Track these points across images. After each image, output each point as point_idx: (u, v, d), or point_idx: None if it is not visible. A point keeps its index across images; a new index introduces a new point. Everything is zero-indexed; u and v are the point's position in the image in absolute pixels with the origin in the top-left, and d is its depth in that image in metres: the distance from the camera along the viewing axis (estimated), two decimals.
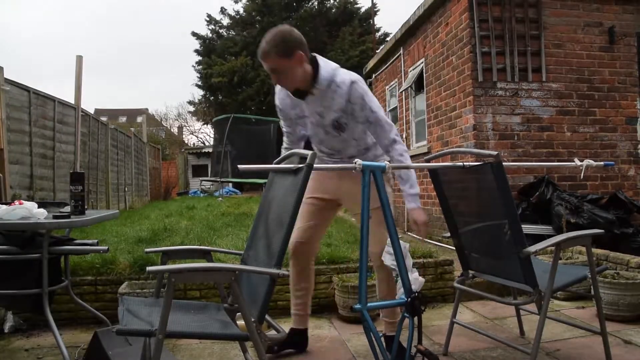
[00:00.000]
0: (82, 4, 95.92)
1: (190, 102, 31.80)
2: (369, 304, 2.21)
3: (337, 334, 3.27)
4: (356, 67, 22.81)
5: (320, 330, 3.35)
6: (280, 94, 2.64)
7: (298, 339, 2.94)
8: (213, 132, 25.59)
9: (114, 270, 3.70)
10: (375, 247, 2.69)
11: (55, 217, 2.57)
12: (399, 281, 2.28)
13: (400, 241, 2.26)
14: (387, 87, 9.29)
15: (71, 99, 8.05)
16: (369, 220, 2.20)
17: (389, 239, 2.28)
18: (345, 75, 2.47)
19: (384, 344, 2.21)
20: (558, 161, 5.57)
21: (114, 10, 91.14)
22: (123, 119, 43.47)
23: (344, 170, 2.49)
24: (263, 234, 2.18)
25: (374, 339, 2.20)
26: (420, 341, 2.23)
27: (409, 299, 2.21)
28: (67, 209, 2.86)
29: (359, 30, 24.28)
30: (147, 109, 42.22)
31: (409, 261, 2.29)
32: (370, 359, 2.75)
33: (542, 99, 5.79)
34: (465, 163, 2.48)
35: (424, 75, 7.26)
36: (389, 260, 2.35)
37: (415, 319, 2.23)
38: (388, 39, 23.72)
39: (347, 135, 2.58)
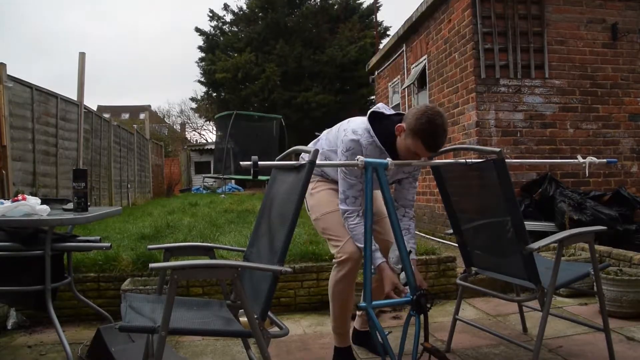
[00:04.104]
0: (83, 1, 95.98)
1: (192, 99, 31.78)
2: (373, 302, 2.21)
3: None
4: (354, 63, 22.83)
5: (324, 327, 3.35)
6: (366, 143, 2.41)
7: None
8: (215, 129, 25.57)
9: (116, 267, 3.70)
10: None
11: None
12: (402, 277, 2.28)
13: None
14: (389, 84, 9.27)
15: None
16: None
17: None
18: None
19: (389, 341, 2.21)
20: (561, 158, 5.56)
21: (113, 9, 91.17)
22: (126, 116, 43.42)
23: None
24: (266, 231, 2.18)
25: (379, 336, 2.20)
26: (426, 339, 2.23)
27: (415, 297, 2.21)
28: (70, 205, 2.87)
29: (358, 25, 24.22)
30: (149, 106, 42.26)
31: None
32: (375, 356, 2.76)
33: (544, 95, 5.77)
34: (468, 160, 2.48)
35: (427, 72, 7.25)
36: (393, 261, 2.36)
37: (422, 316, 2.23)
38: (389, 32, 23.76)
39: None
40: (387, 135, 2.39)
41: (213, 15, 25.86)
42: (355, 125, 2.44)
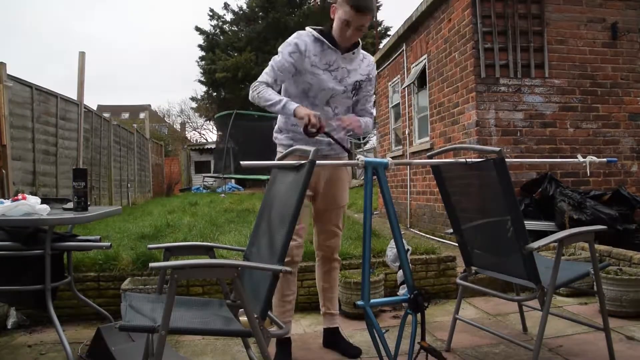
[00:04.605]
0: (84, 2, 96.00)
1: (192, 99, 31.78)
2: (371, 301, 2.21)
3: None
4: None
5: (323, 326, 3.35)
6: (307, 39, 2.62)
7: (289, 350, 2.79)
8: (215, 129, 25.59)
9: (116, 266, 3.70)
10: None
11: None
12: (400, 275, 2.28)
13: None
14: (389, 84, 9.27)
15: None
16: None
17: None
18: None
19: (386, 340, 2.21)
20: (561, 157, 5.55)
21: (114, 9, 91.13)
22: (126, 115, 43.42)
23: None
24: (265, 231, 2.18)
25: (376, 335, 2.20)
26: (423, 337, 2.23)
27: (412, 296, 2.21)
28: (70, 205, 2.87)
29: None
30: (149, 105, 42.31)
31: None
32: (373, 355, 2.76)
33: (544, 95, 5.77)
34: (468, 159, 2.47)
35: (427, 71, 7.24)
36: (390, 259, 2.36)
37: (419, 315, 2.23)
38: (389, 32, 23.76)
39: (354, 100, 2.80)
40: (328, 31, 2.63)
41: (213, 15, 25.90)
42: None
